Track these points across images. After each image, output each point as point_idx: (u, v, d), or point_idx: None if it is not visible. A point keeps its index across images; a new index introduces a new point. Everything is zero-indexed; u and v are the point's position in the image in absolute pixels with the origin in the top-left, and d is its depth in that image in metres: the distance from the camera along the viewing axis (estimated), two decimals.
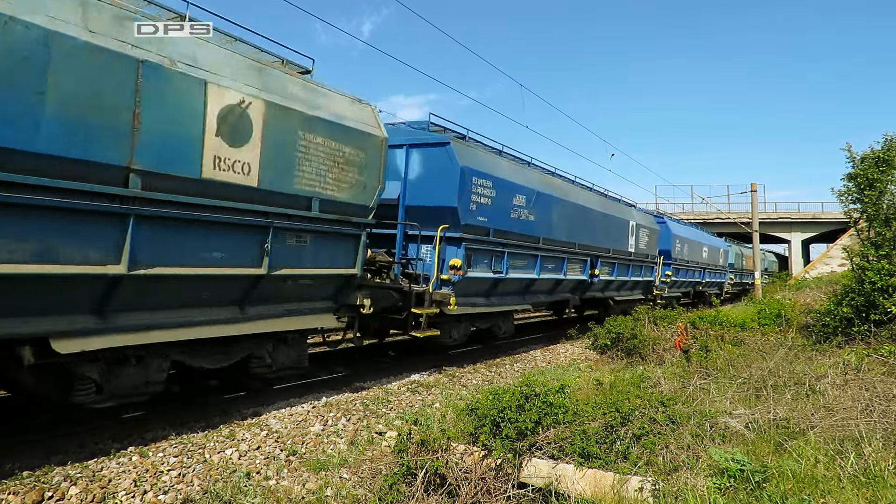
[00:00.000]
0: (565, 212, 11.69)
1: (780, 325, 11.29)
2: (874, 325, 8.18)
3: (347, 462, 4.83)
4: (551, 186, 11.44)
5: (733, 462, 3.87)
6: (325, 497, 4.22)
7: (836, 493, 3.66)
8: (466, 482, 3.89)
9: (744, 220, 32.83)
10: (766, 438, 4.65)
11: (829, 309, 9.41)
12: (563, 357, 11.00)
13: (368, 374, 8.38)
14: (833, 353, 7.38)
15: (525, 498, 3.90)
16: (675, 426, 4.68)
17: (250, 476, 4.45)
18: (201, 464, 4.60)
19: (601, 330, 10.32)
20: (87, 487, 4.03)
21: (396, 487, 3.85)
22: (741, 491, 3.67)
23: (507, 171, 9.99)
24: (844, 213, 10.15)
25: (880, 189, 8.99)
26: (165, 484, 4.21)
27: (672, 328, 10.13)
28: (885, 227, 8.95)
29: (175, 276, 4.93)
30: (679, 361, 8.14)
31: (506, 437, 4.24)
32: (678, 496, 3.64)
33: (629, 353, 9.51)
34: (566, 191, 12.13)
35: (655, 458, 4.21)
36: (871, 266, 8.64)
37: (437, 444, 4.17)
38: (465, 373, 8.87)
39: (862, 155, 9.41)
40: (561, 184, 12.21)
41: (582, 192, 13.16)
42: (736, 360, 7.35)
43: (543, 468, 4.12)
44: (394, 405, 6.65)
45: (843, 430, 4.57)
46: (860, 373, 6.01)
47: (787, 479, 3.82)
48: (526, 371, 9.28)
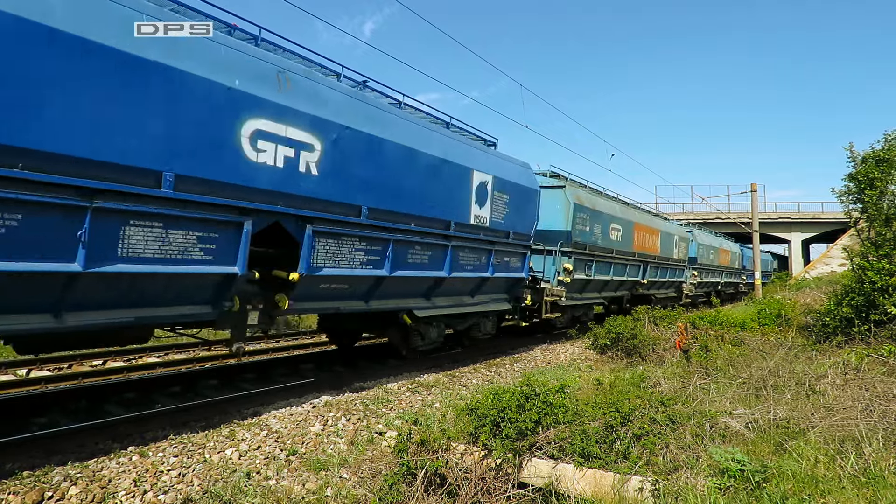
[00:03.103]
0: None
1: (780, 325, 11.29)
2: (874, 326, 8.17)
3: (347, 462, 4.83)
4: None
5: (733, 462, 3.87)
6: (325, 497, 4.22)
7: (836, 493, 3.66)
8: (466, 482, 3.89)
9: (744, 220, 32.83)
10: (766, 438, 4.65)
11: (829, 309, 9.41)
12: (563, 357, 11.00)
13: (368, 374, 8.38)
14: (833, 353, 7.38)
15: (525, 498, 3.90)
16: (675, 426, 4.68)
17: (250, 476, 4.45)
18: (201, 464, 4.60)
19: (601, 330, 10.32)
20: (87, 487, 4.02)
21: (396, 487, 3.85)
22: (741, 491, 3.67)
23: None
24: (845, 213, 10.15)
25: (881, 189, 8.99)
26: (165, 484, 4.21)
27: (672, 328, 10.13)
28: (886, 227, 8.95)
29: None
30: (679, 361, 8.14)
31: (506, 437, 4.24)
32: (678, 496, 3.64)
33: (629, 353, 9.51)
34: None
35: (655, 458, 4.21)
36: (871, 266, 8.64)
37: (437, 444, 4.17)
38: (465, 372, 8.87)
39: (863, 155, 9.42)
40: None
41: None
42: (736, 360, 7.35)
43: (543, 468, 4.12)
44: (394, 405, 6.64)
45: (843, 430, 4.57)
46: (860, 373, 6.01)
47: (787, 479, 3.82)
48: (526, 371, 9.28)
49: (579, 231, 12.64)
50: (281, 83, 5.55)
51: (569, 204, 12.34)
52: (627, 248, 15.45)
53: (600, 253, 13.74)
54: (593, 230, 13.30)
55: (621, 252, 15.02)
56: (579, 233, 12.63)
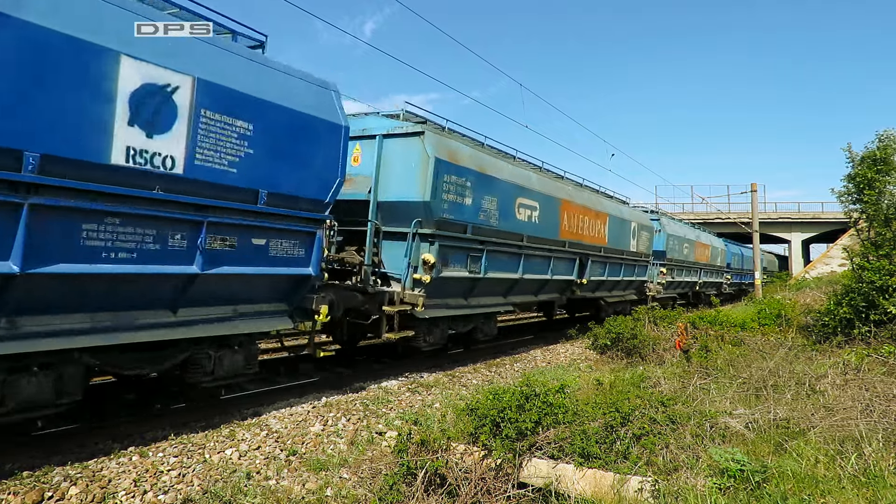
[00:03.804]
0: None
1: (780, 325, 11.30)
2: (874, 326, 8.18)
3: (347, 462, 4.83)
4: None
5: (733, 462, 3.87)
6: (325, 497, 4.22)
7: (836, 493, 3.66)
8: (466, 482, 3.89)
9: (744, 220, 32.83)
10: (766, 438, 4.65)
11: (829, 309, 9.41)
12: (563, 357, 11.00)
13: (368, 374, 8.38)
14: (833, 353, 7.39)
15: (525, 498, 3.90)
16: (675, 426, 4.68)
17: (250, 476, 4.45)
18: (201, 464, 4.60)
19: (601, 330, 10.33)
20: (87, 487, 4.03)
21: (396, 487, 3.85)
22: (741, 491, 3.67)
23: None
24: (844, 213, 10.16)
25: (879, 189, 9.00)
26: (165, 484, 4.21)
27: (672, 328, 10.14)
28: (885, 227, 8.96)
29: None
30: (679, 361, 8.14)
31: (506, 437, 4.24)
32: (678, 496, 3.64)
33: (629, 353, 9.51)
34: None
35: (655, 458, 4.21)
36: (871, 266, 8.65)
37: (437, 444, 4.17)
38: (466, 373, 8.87)
39: (862, 155, 9.43)
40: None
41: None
42: (736, 360, 7.36)
43: (543, 468, 4.12)
44: (394, 405, 6.65)
45: (843, 430, 4.57)
46: (860, 373, 6.01)
47: (787, 479, 3.82)
48: (526, 371, 9.28)
49: (450, 204, 8.20)
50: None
51: (428, 160, 7.77)
52: (550, 235, 11.14)
53: (496, 239, 9.39)
54: (480, 203, 8.90)
55: (538, 240, 10.68)
56: (450, 206, 8.22)
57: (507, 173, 9.87)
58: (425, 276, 7.86)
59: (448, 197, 8.17)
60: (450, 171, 8.17)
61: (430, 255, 7.93)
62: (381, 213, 8.20)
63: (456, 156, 8.43)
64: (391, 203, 8.09)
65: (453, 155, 8.37)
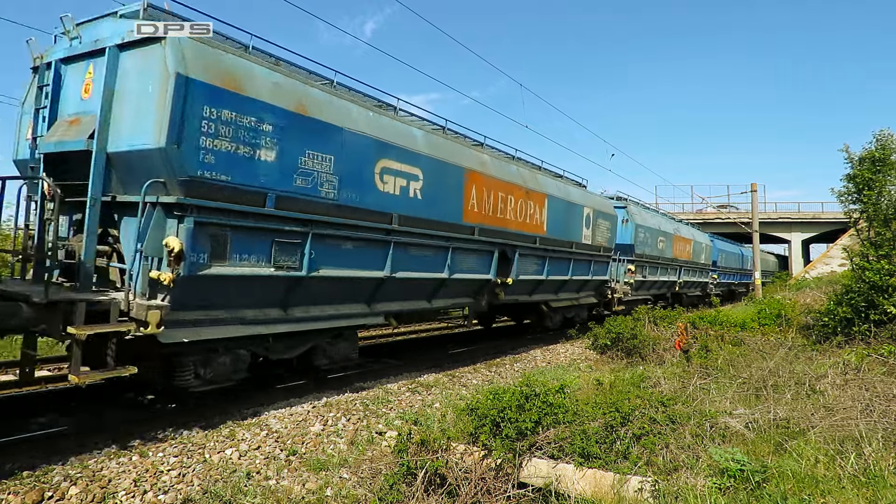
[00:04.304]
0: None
1: (780, 325, 11.30)
2: (874, 325, 8.18)
3: (347, 462, 4.83)
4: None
5: (733, 462, 3.87)
6: (325, 497, 4.22)
7: (836, 492, 3.66)
8: (466, 482, 3.89)
9: (744, 220, 32.84)
10: (766, 438, 4.65)
11: (829, 309, 9.42)
12: (563, 357, 11.00)
13: (368, 374, 8.38)
14: (833, 353, 7.39)
15: (525, 498, 3.90)
16: (675, 426, 4.68)
17: (250, 476, 4.45)
18: (201, 464, 4.60)
19: (601, 330, 10.34)
20: (87, 487, 4.03)
21: (396, 487, 3.85)
22: (741, 491, 3.67)
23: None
24: (844, 213, 10.17)
25: (878, 189, 9.01)
26: (165, 484, 4.21)
27: (672, 328, 10.14)
28: (885, 227, 8.97)
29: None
30: (679, 361, 8.14)
31: (506, 437, 4.24)
32: (678, 496, 3.64)
33: (629, 353, 9.51)
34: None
35: (655, 458, 4.21)
36: (871, 266, 8.65)
37: (437, 444, 4.17)
38: (466, 373, 8.88)
39: (860, 156, 9.44)
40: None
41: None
42: (736, 360, 7.36)
43: (543, 468, 4.12)
44: (394, 405, 6.65)
45: (843, 430, 4.58)
46: (860, 373, 6.02)
47: (787, 479, 3.82)
48: (526, 371, 9.28)
49: (220, 156, 5.23)
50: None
51: (168, 78, 4.83)
52: (447, 218, 8.23)
53: (334, 218, 6.45)
54: (295, 162, 5.92)
55: (424, 222, 7.79)
56: (222, 160, 5.24)
57: (362, 123, 6.82)
58: (165, 275, 4.93)
59: (215, 144, 5.14)
60: (222, 103, 5.16)
61: (175, 240, 4.98)
62: (116, 173, 5.26)
63: (239, 81, 5.38)
64: (124, 155, 5.11)
65: (233, 78, 5.33)
